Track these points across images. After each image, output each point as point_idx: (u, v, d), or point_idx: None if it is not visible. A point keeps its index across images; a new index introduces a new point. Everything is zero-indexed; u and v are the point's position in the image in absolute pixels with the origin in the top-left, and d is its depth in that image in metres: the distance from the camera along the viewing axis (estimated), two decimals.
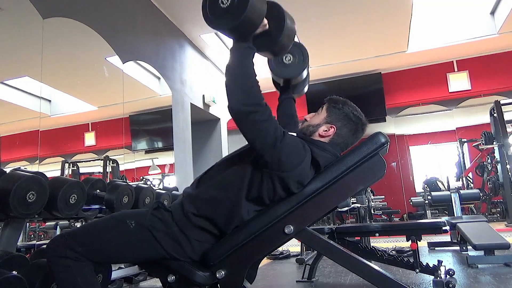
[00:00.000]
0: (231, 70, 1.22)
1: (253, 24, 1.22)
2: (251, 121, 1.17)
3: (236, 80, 1.19)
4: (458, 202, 3.99)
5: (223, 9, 1.21)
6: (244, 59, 1.22)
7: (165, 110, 4.54)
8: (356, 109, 1.38)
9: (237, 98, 1.17)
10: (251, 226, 1.26)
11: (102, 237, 1.24)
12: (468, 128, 7.17)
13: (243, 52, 1.23)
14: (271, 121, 1.19)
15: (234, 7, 1.19)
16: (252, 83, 1.19)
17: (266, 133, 1.17)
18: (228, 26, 1.21)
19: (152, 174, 4.66)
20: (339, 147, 1.37)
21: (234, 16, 1.18)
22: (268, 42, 1.33)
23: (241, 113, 1.16)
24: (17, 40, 2.88)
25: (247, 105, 1.16)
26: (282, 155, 1.18)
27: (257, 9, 1.20)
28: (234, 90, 1.18)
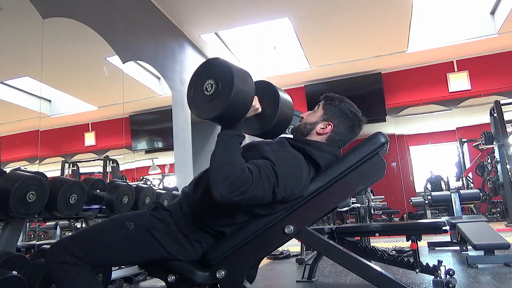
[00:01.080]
0: (215, 160, 1.12)
1: (239, 113, 1.13)
2: (245, 201, 1.12)
3: (220, 171, 1.09)
4: (458, 202, 3.99)
5: (207, 97, 1.13)
6: (228, 149, 1.14)
7: (165, 110, 4.53)
8: (353, 106, 1.38)
9: (223, 191, 1.07)
10: (251, 226, 1.26)
11: (102, 241, 1.24)
12: (468, 128, 7.17)
13: (229, 140, 1.15)
14: (260, 182, 1.11)
15: (218, 95, 1.11)
16: (237, 172, 1.08)
17: (263, 195, 1.13)
18: (211, 115, 1.11)
19: (152, 174, 4.66)
20: (337, 144, 1.37)
21: (218, 105, 1.09)
22: (262, 125, 1.27)
23: (229, 201, 1.09)
24: (17, 40, 2.88)
25: (233, 195, 1.08)
26: (285, 192, 1.17)
27: (243, 96, 1.10)
28: (218, 183, 1.08)
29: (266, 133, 1.31)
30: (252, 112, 1.21)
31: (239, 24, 5.00)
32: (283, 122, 1.29)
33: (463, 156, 6.81)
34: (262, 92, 1.24)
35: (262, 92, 1.25)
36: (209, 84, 1.14)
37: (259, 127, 1.29)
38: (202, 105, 1.15)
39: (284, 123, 1.30)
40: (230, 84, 1.08)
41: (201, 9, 4.49)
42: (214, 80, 1.13)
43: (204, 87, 1.15)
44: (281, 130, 1.32)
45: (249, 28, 5.22)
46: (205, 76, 1.16)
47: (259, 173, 1.12)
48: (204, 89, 1.14)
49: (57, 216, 2.12)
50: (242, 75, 1.13)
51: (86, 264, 1.19)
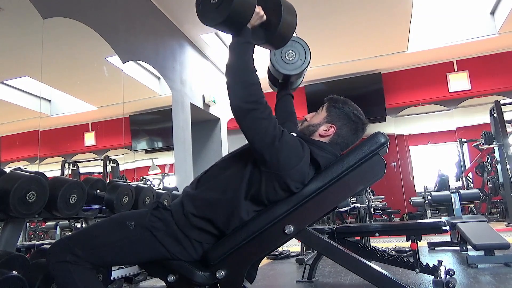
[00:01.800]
0: (230, 67, 1.22)
1: (244, 16, 1.23)
2: (251, 118, 1.17)
3: (236, 77, 1.20)
4: (458, 202, 3.99)
5: (213, 5, 1.24)
6: (242, 54, 1.23)
7: (165, 110, 4.54)
8: (357, 109, 1.38)
9: (237, 95, 1.18)
10: (251, 226, 1.26)
11: (103, 240, 1.24)
12: (468, 128, 7.17)
13: (241, 47, 1.24)
14: (271, 119, 1.19)
15: (222, 1, 1.21)
16: (253, 79, 1.20)
17: (265, 131, 1.17)
18: (218, 20, 1.22)
19: (152, 174, 4.66)
20: (339, 146, 1.36)
21: (224, 9, 1.20)
22: (268, 34, 1.34)
23: (242, 110, 1.17)
24: (17, 40, 2.88)
25: (247, 102, 1.17)
26: (280, 154, 1.18)
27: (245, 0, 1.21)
28: (234, 87, 1.19)
29: (273, 41, 1.37)
30: (257, 20, 1.29)
31: None
32: (287, 29, 1.36)
33: (463, 156, 6.81)
34: (265, 2, 1.32)
35: (265, 1, 1.32)
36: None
37: (265, 35, 1.35)
38: (210, 13, 1.25)
39: (288, 30, 1.37)
40: None
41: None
42: None
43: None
44: (287, 36, 1.39)
45: None
46: None
47: (271, 112, 1.20)
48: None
49: (57, 216, 2.12)
50: None
51: (87, 263, 1.19)
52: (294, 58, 1.65)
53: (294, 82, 1.80)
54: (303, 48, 1.66)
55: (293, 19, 1.38)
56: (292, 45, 1.65)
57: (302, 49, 1.66)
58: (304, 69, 1.68)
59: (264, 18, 1.32)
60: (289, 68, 1.66)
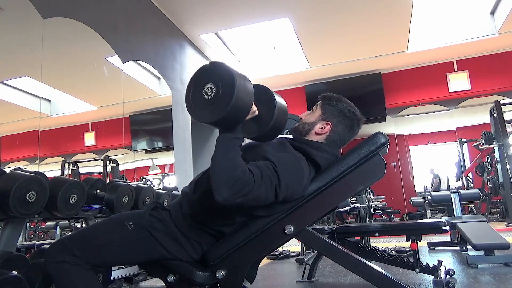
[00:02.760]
0: (216, 164, 1.11)
1: (239, 117, 1.14)
2: (248, 202, 1.11)
3: (221, 174, 1.08)
4: (458, 202, 3.99)
5: (207, 101, 1.12)
6: (228, 152, 1.13)
7: (165, 110, 4.54)
8: (351, 105, 1.38)
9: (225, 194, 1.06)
10: (251, 226, 1.26)
11: (101, 241, 1.24)
12: (468, 128, 7.17)
13: (229, 143, 1.14)
14: (263, 183, 1.11)
15: (218, 100, 1.10)
16: (239, 174, 1.08)
17: (266, 196, 1.13)
18: (212, 119, 1.11)
19: (152, 174, 4.66)
20: (336, 144, 1.37)
21: (219, 109, 1.09)
22: (259, 128, 1.27)
23: (231, 204, 1.09)
24: (17, 40, 2.88)
25: (235, 197, 1.07)
26: (287, 192, 1.17)
27: (243, 101, 1.11)
28: (220, 186, 1.07)
29: (263, 136, 1.31)
30: (249, 115, 1.21)
31: (239, 24, 5.00)
32: (279, 125, 1.29)
33: (463, 156, 6.81)
34: (258, 96, 1.24)
35: (258, 95, 1.25)
36: (209, 88, 1.12)
37: (256, 130, 1.29)
38: (201, 109, 1.14)
39: (280, 126, 1.30)
40: (232, 88, 1.08)
41: (201, 9, 4.49)
42: (214, 84, 1.12)
43: (204, 91, 1.13)
44: (277, 133, 1.32)
45: (249, 28, 5.22)
46: (205, 80, 1.15)
47: (260, 174, 1.11)
48: (204, 93, 1.13)
49: (57, 216, 2.12)
50: (243, 80, 1.13)
51: (86, 264, 1.19)
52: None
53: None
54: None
55: (285, 115, 1.31)
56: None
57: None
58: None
59: (256, 113, 1.25)
60: None
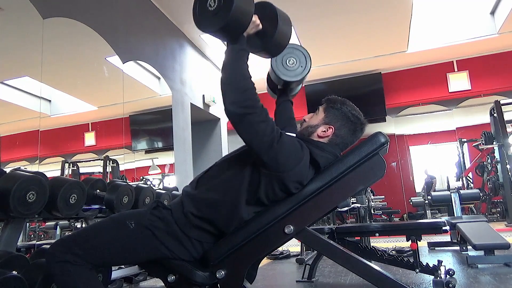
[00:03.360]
0: (225, 73, 1.22)
1: (241, 24, 1.24)
2: (247, 122, 1.17)
3: (230, 82, 1.20)
4: (458, 202, 3.99)
5: (211, 12, 1.24)
6: (237, 61, 1.23)
7: (165, 110, 4.54)
8: (355, 109, 1.38)
9: (232, 101, 1.17)
10: (251, 226, 1.26)
11: (103, 240, 1.24)
12: (468, 128, 7.17)
13: (236, 54, 1.24)
14: (268, 122, 1.19)
15: (220, 8, 1.21)
16: (247, 84, 1.19)
17: (263, 134, 1.17)
18: (216, 27, 1.22)
19: (152, 174, 4.66)
20: (338, 147, 1.36)
21: (221, 17, 1.20)
22: (264, 42, 1.35)
23: (237, 115, 1.17)
24: (17, 40, 2.88)
25: (243, 107, 1.16)
26: (279, 155, 1.18)
27: (243, 9, 1.21)
28: (229, 93, 1.18)
29: (268, 49, 1.39)
30: (253, 28, 1.29)
31: None
32: (283, 38, 1.38)
33: (463, 156, 6.81)
34: (261, 11, 1.33)
35: (262, 11, 1.33)
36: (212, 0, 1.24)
37: (260, 44, 1.36)
38: (207, 20, 1.26)
39: (284, 39, 1.38)
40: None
41: None
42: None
43: (208, 3, 1.25)
44: (281, 46, 1.41)
45: None
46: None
47: (266, 114, 1.20)
48: (208, 5, 1.25)
49: (57, 216, 2.12)
50: None
51: (87, 263, 1.19)
52: (295, 64, 1.66)
53: (293, 89, 1.82)
54: (303, 55, 1.68)
55: (289, 28, 1.39)
56: (293, 52, 1.67)
57: (303, 56, 1.68)
58: (305, 75, 1.69)
59: (260, 27, 1.32)
60: (290, 74, 1.68)
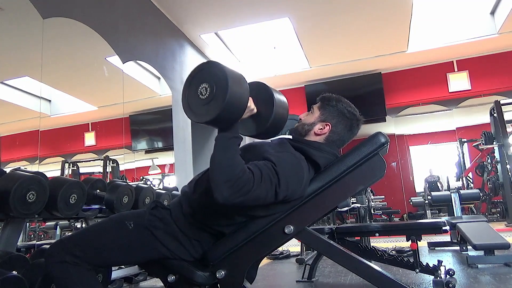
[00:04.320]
0: (215, 163, 1.12)
1: (235, 114, 1.14)
2: (248, 202, 1.12)
3: (221, 174, 1.09)
4: (458, 202, 3.99)
5: (202, 101, 1.14)
6: (228, 150, 1.13)
7: (165, 110, 4.54)
8: (350, 105, 1.38)
9: (225, 193, 1.07)
10: (251, 226, 1.26)
11: (102, 241, 1.24)
12: (468, 128, 7.17)
13: (227, 142, 1.14)
14: (260, 186, 1.11)
15: (213, 99, 1.11)
16: (238, 173, 1.08)
17: (265, 196, 1.13)
18: (207, 118, 1.12)
19: (152, 174, 4.65)
20: (335, 144, 1.37)
21: (213, 108, 1.10)
22: (258, 126, 1.28)
23: (237, 203, 1.10)
24: (17, 40, 2.88)
25: (241, 196, 1.08)
26: (287, 192, 1.16)
27: (238, 98, 1.12)
28: (220, 185, 1.08)
29: (262, 134, 1.31)
30: (247, 113, 1.21)
31: (239, 24, 5.00)
32: (278, 122, 1.30)
33: (463, 156, 6.81)
34: (257, 93, 1.25)
35: (257, 93, 1.25)
36: (203, 88, 1.14)
37: (255, 128, 1.29)
38: (197, 109, 1.16)
39: (279, 123, 1.31)
40: (225, 86, 1.09)
41: (201, 9, 4.49)
42: (208, 84, 1.13)
43: (199, 91, 1.15)
44: (277, 130, 1.33)
45: (249, 28, 5.21)
46: (200, 80, 1.16)
47: (260, 173, 1.12)
48: (199, 93, 1.15)
49: (57, 216, 2.12)
50: (236, 77, 1.14)
51: (86, 264, 1.19)
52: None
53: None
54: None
55: (285, 112, 1.31)
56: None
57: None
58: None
59: (255, 111, 1.24)
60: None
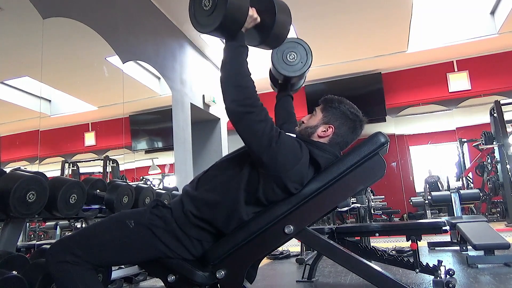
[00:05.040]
0: (224, 71, 1.22)
1: (238, 21, 1.22)
2: (246, 121, 1.17)
3: (229, 80, 1.20)
4: (458, 202, 3.99)
5: (206, 12, 1.24)
6: (236, 58, 1.23)
7: (165, 110, 4.54)
8: (353, 107, 1.38)
9: (232, 99, 1.18)
10: (251, 226, 1.26)
11: (102, 240, 1.24)
12: (468, 128, 7.18)
13: (235, 51, 1.24)
14: (267, 121, 1.19)
15: (215, 7, 1.21)
16: (247, 82, 1.19)
17: (262, 134, 1.17)
18: (212, 27, 1.21)
19: (152, 174, 4.66)
20: (338, 146, 1.37)
21: (217, 16, 1.19)
22: (263, 35, 1.33)
23: (238, 113, 1.17)
24: (17, 40, 2.88)
25: (243, 105, 1.17)
26: (278, 155, 1.18)
27: (238, 5, 1.20)
28: (229, 91, 1.19)
29: (267, 42, 1.37)
30: (251, 22, 1.27)
31: None
32: (282, 29, 1.36)
33: (463, 156, 6.81)
34: (258, 3, 1.30)
35: (259, 2, 1.31)
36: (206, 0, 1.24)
37: (259, 37, 1.35)
38: (203, 20, 1.25)
39: (283, 31, 1.37)
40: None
41: None
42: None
43: (202, 3, 1.25)
44: (281, 38, 1.39)
45: None
46: None
47: (266, 114, 1.19)
48: (203, 5, 1.24)
49: (57, 216, 2.12)
50: None
51: (87, 264, 1.19)
52: (295, 60, 1.63)
53: (295, 84, 1.79)
54: (305, 50, 1.65)
55: (287, 18, 1.37)
56: (294, 46, 1.64)
57: (304, 51, 1.65)
58: (305, 71, 1.66)
59: (258, 20, 1.30)
60: (289, 69, 1.65)
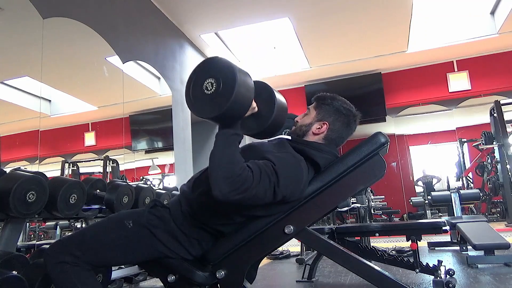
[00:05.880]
0: (215, 159, 1.12)
1: (239, 113, 1.13)
2: (247, 200, 1.11)
3: (220, 170, 1.09)
4: (458, 202, 3.99)
5: (207, 96, 1.11)
6: (229, 147, 1.13)
7: (165, 110, 4.53)
8: (345, 102, 1.39)
9: (223, 189, 1.07)
10: (251, 226, 1.26)
11: (101, 240, 1.24)
12: (468, 128, 7.17)
13: (228, 139, 1.14)
14: (262, 179, 1.11)
15: (218, 95, 1.09)
16: (238, 171, 1.08)
17: (264, 193, 1.13)
18: (212, 115, 1.10)
19: (152, 174, 4.66)
20: (334, 142, 1.37)
21: (219, 105, 1.08)
22: (258, 125, 1.29)
23: (236, 200, 1.09)
24: (17, 40, 2.88)
25: (240, 193, 1.08)
26: (285, 192, 1.16)
27: (243, 96, 1.10)
28: (219, 181, 1.08)
29: (262, 133, 1.32)
30: (249, 111, 1.21)
31: (239, 24, 5.00)
32: (278, 122, 1.32)
33: (463, 156, 6.80)
34: (258, 92, 1.25)
35: (259, 92, 1.25)
36: (209, 83, 1.12)
37: (255, 126, 1.30)
38: (201, 104, 1.14)
39: (279, 123, 1.33)
40: (232, 83, 1.08)
41: (201, 9, 4.49)
42: (215, 79, 1.12)
43: (204, 85, 1.13)
44: (275, 130, 1.34)
45: (249, 28, 5.21)
46: (205, 75, 1.14)
47: (259, 172, 1.12)
48: (204, 88, 1.12)
49: (57, 216, 2.12)
50: (244, 75, 1.13)
51: (86, 264, 1.19)
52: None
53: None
54: None
55: (284, 113, 1.34)
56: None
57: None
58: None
59: (256, 110, 1.26)
60: None
